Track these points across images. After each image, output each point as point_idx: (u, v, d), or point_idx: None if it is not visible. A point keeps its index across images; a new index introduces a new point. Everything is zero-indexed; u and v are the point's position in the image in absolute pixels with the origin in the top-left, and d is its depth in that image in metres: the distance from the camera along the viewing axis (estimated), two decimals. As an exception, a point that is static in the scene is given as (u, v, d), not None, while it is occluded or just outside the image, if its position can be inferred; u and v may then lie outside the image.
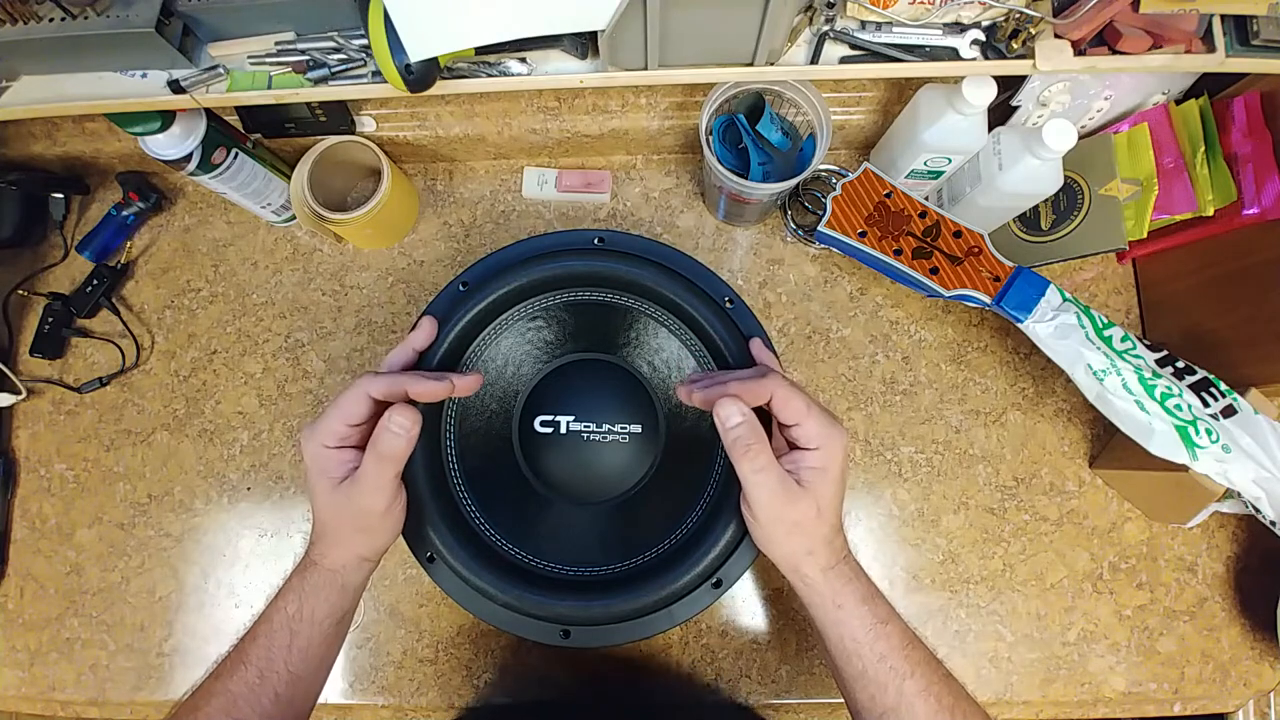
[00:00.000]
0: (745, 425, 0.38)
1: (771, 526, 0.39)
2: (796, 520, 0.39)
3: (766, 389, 0.40)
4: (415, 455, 0.46)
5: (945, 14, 0.45)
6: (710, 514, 0.47)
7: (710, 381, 0.43)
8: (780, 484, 0.38)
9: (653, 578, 0.45)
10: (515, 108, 0.63)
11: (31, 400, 0.66)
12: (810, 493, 0.39)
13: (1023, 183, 0.52)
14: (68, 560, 0.63)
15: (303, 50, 0.47)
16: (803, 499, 0.39)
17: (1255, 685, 0.57)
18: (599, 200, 0.67)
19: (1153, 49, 0.45)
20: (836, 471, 0.39)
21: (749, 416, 0.39)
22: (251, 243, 0.69)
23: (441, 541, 0.45)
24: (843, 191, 0.56)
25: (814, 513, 0.39)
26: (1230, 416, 0.49)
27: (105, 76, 0.48)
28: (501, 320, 0.50)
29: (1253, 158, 0.52)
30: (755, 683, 0.58)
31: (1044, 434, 0.62)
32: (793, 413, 0.39)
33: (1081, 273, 0.65)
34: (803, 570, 0.40)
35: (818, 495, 0.39)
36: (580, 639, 0.45)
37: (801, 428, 0.39)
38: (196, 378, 0.66)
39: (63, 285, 0.69)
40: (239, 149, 0.59)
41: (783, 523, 0.39)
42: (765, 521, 0.39)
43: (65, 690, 0.60)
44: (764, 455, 0.38)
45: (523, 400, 0.52)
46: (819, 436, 0.39)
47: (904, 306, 0.64)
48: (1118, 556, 0.59)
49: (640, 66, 0.46)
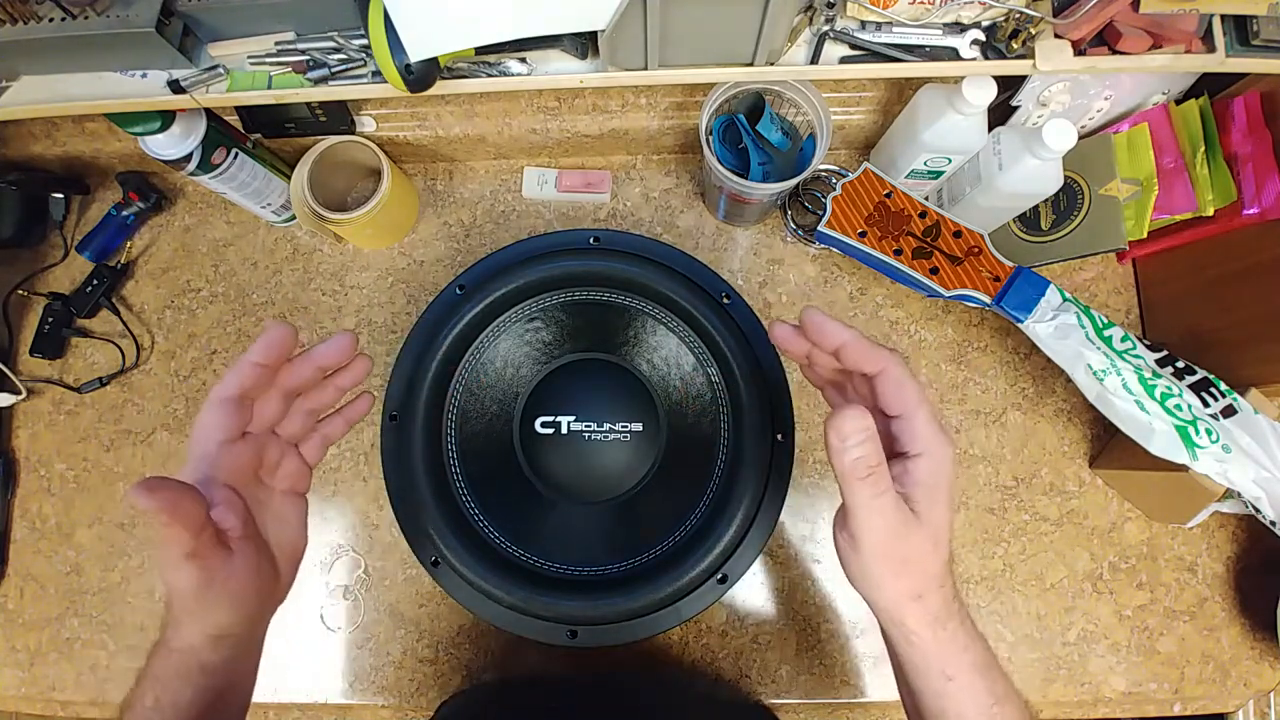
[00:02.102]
0: (870, 444, 0.30)
1: (877, 562, 0.32)
2: (906, 556, 0.32)
3: (881, 359, 0.33)
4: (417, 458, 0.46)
5: (945, 14, 0.45)
6: (714, 509, 0.47)
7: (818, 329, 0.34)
8: (896, 511, 0.31)
9: (658, 575, 0.45)
10: (515, 108, 0.63)
11: (31, 400, 0.66)
12: (925, 520, 0.32)
13: (1023, 183, 0.52)
14: (68, 560, 0.63)
15: (303, 50, 0.47)
16: (917, 529, 0.32)
17: (1255, 685, 0.57)
18: (599, 200, 0.67)
19: (1153, 49, 0.45)
20: (948, 489, 0.32)
21: (873, 433, 0.30)
22: (251, 243, 0.69)
23: (445, 545, 0.45)
24: (843, 191, 0.56)
25: (929, 546, 0.32)
26: (1230, 416, 0.49)
27: (105, 76, 0.48)
28: (499, 322, 0.50)
29: (1253, 158, 0.52)
30: (755, 683, 0.58)
31: (1044, 434, 0.62)
32: (904, 400, 0.32)
33: (1081, 273, 0.65)
34: (907, 623, 0.33)
35: (933, 523, 0.32)
36: (587, 639, 0.45)
37: (909, 423, 0.32)
38: (196, 378, 0.66)
39: (63, 285, 0.69)
40: (239, 149, 0.59)
41: (891, 558, 0.32)
42: (871, 555, 0.32)
43: (65, 690, 0.60)
44: (886, 479, 0.31)
45: (523, 402, 0.52)
46: (929, 438, 0.32)
47: (904, 306, 0.64)
48: (1118, 556, 0.59)
49: (640, 66, 0.46)
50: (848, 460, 0.30)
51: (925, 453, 0.32)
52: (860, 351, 0.33)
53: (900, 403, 0.33)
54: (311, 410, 0.39)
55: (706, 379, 0.50)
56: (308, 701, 0.59)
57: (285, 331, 0.35)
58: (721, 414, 0.50)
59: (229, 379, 0.35)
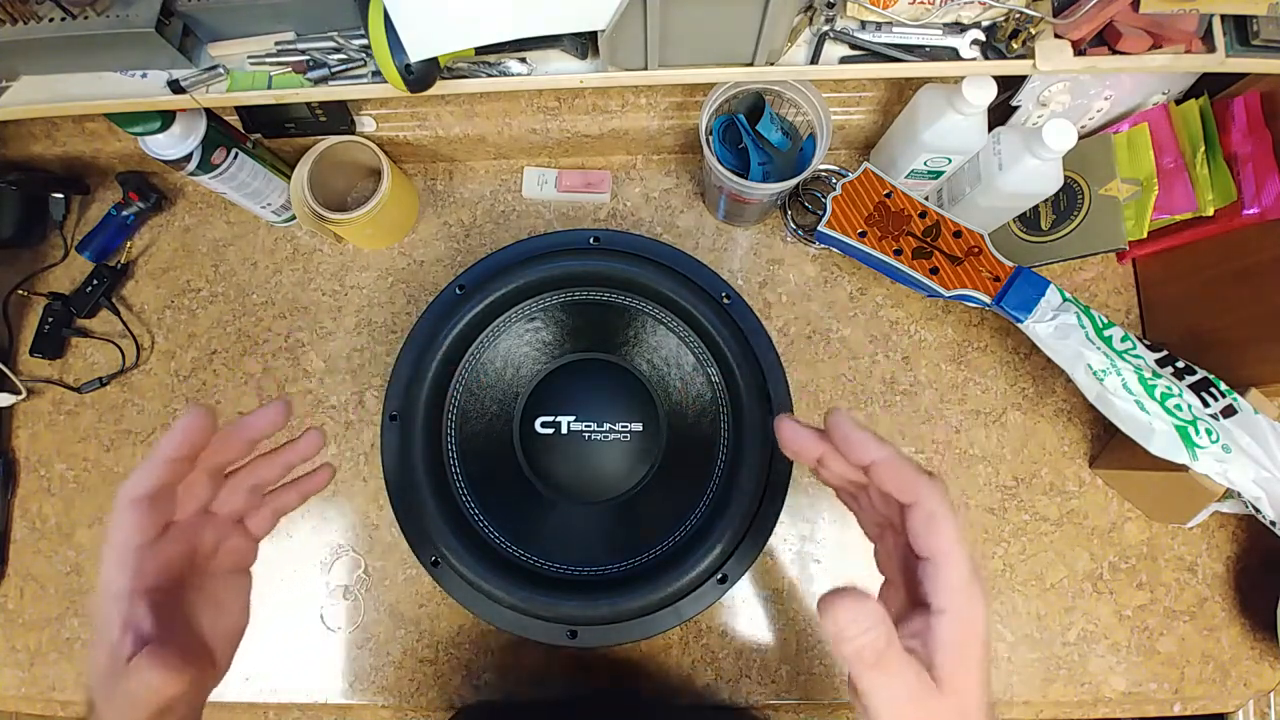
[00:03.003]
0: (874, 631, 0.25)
1: None
2: None
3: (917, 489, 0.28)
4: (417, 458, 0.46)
5: (945, 14, 0.45)
6: (714, 510, 0.47)
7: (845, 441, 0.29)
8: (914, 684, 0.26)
9: (658, 575, 0.45)
10: (515, 108, 0.63)
11: (31, 400, 0.66)
12: (949, 689, 0.26)
13: (1023, 183, 0.52)
14: (68, 560, 0.63)
15: (303, 50, 0.47)
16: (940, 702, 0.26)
17: (1255, 685, 0.57)
18: (599, 200, 0.67)
19: (1153, 49, 0.45)
20: (979, 653, 0.27)
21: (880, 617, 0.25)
22: (251, 243, 0.69)
23: (446, 545, 0.45)
24: (843, 191, 0.56)
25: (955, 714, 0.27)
26: (1230, 416, 0.49)
27: (105, 76, 0.48)
28: (499, 322, 0.50)
29: (1253, 158, 0.52)
30: (755, 683, 0.58)
31: (1044, 434, 0.62)
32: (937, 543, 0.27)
33: (1081, 273, 0.65)
34: None
35: (959, 691, 0.27)
36: (587, 639, 0.45)
37: (939, 570, 0.27)
38: (196, 378, 0.66)
39: (63, 285, 0.69)
40: (239, 149, 0.59)
41: None
42: None
43: (65, 690, 0.60)
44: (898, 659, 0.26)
45: (523, 402, 0.52)
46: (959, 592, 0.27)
47: (904, 306, 0.64)
48: (1118, 556, 0.59)
49: (640, 66, 0.46)
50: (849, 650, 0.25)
51: (952, 610, 0.27)
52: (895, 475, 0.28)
53: (931, 545, 0.28)
54: (255, 486, 0.35)
55: (706, 379, 0.50)
56: (307, 701, 0.59)
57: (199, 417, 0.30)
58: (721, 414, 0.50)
59: (137, 476, 0.30)
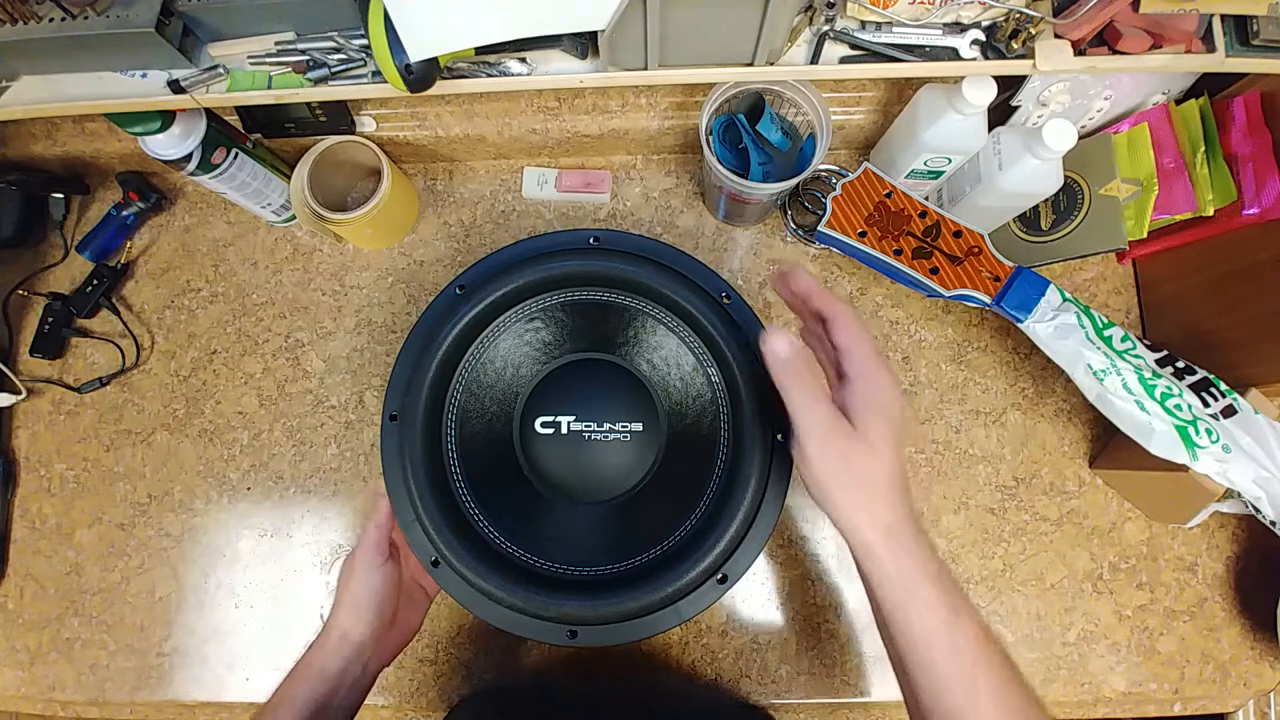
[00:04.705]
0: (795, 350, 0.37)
1: (823, 467, 0.36)
2: (847, 460, 0.36)
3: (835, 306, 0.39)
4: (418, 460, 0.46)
5: (945, 14, 0.45)
6: (714, 509, 0.47)
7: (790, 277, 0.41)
8: (833, 417, 0.36)
9: (658, 575, 0.45)
10: (515, 108, 0.63)
11: (31, 400, 0.66)
12: (862, 432, 0.36)
13: (1023, 183, 0.52)
14: (68, 560, 0.63)
15: (303, 50, 0.47)
16: (855, 439, 0.36)
17: (1255, 685, 0.57)
18: (599, 200, 0.67)
19: (1153, 49, 0.45)
20: (886, 412, 0.36)
21: (800, 347, 0.37)
22: (251, 243, 0.69)
23: (446, 545, 0.45)
24: (843, 191, 0.56)
25: (868, 456, 0.35)
26: (1230, 416, 0.49)
27: (105, 76, 0.48)
28: (499, 323, 0.50)
29: (1253, 158, 0.52)
30: (755, 683, 0.58)
31: (1044, 434, 0.62)
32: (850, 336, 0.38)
33: (1081, 273, 0.65)
34: (864, 535, 0.36)
35: (870, 437, 0.36)
36: (587, 639, 0.45)
37: (850, 353, 0.37)
38: (196, 378, 0.66)
39: (63, 285, 0.69)
40: (239, 149, 0.59)
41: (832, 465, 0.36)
42: (817, 461, 0.36)
43: (65, 690, 0.60)
44: (816, 384, 0.37)
45: (523, 402, 0.52)
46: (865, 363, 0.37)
47: (904, 306, 0.64)
48: (1118, 556, 0.59)
49: (640, 66, 0.46)
50: (780, 367, 0.37)
51: (862, 375, 0.37)
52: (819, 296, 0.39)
53: (846, 339, 0.38)
54: None
55: (706, 379, 0.50)
56: (308, 701, 0.59)
57: None
58: (721, 414, 0.49)
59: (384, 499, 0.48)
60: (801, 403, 0.36)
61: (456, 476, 0.48)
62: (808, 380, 0.37)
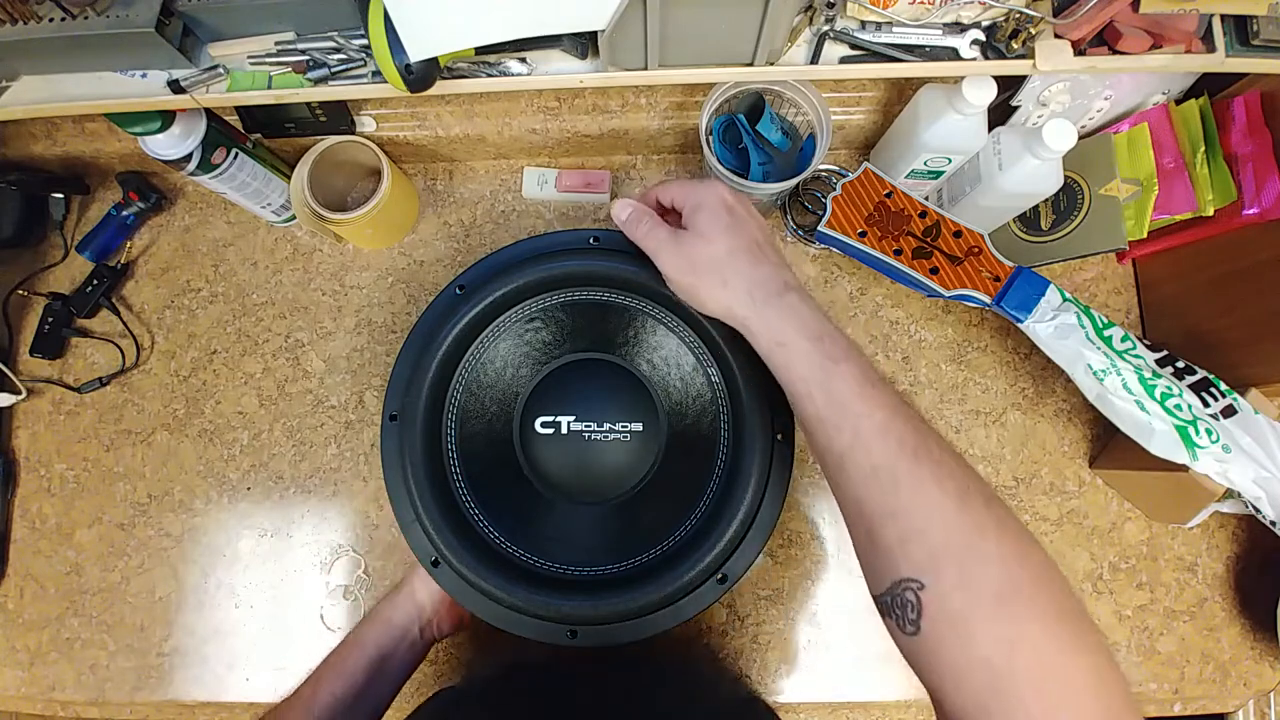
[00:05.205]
0: (632, 206, 0.44)
1: (678, 273, 0.41)
2: (690, 258, 0.41)
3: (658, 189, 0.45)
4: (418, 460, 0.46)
5: (945, 14, 0.45)
6: (714, 509, 0.47)
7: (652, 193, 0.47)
8: (671, 233, 0.42)
9: (658, 575, 0.45)
10: (515, 108, 0.63)
11: (31, 400, 0.66)
12: (693, 231, 0.41)
13: (1023, 183, 0.52)
14: (68, 560, 0.63)
15: (303, 50, 0.47)
16: (690, 238, 0.41)
17: (1255, 685, 0.57)
18: (599, 200, 0.67)
19: (1153, 49, 0.45)
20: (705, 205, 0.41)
21: (636, 203, 0.44)
22: (251, 243, 0.69)
23: (446, 545, 0.45)
24: (843, 191, 0.56)
25: (698, 242, 0.41)
26: (1230, 416, 0.49)
27: (105, 76, 0.48)
28: (499, 323, 0.50)
29: (1253, 158, 0.52)
30: (755, 683, 0.58)
31: (1044, 434, 0.62)
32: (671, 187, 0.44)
33: (1081, 273, 0.65)
34: (735, 311, 0.39)
35: (704, 232, 0.41)
36: (587, 638, 0.45)
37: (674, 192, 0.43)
38: (196, 378, 0.66)
39: (63, 285, 0.69)
40: (239, 149, 0.59)
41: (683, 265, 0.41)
42: (674, 272, 0.41)
43: (65, 690, 0.60)
44: (654, 220, 0.43)
45: (523, 402, 0.52)
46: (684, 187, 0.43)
47: (904, 306, 0.64)
48: (1118, 556, 0.59)
49: (640, 66, 0.46)
50: (626, 225, 0.44)
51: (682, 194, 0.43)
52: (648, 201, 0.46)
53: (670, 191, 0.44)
54: None
55: (706, 379, 0.50)
56: (308, 701, 0.59)
57: None
58: (721, 414, 0.49)
59: None
60: (647, 238, 0.43)
61: (456, 476, 0.48)
62: (646, 220, 0.43)
